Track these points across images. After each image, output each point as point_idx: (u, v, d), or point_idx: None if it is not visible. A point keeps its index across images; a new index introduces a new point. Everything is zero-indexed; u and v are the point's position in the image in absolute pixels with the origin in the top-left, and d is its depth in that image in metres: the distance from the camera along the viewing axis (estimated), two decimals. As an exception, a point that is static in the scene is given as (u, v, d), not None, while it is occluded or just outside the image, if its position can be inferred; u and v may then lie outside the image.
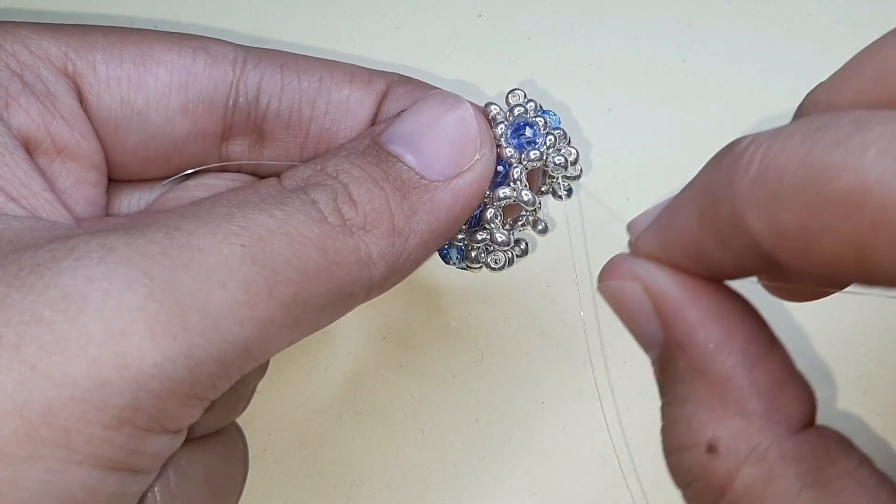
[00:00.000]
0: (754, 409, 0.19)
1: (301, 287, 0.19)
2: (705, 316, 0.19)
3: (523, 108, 0.24)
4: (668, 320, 0.19)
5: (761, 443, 0.18)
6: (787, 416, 0.19)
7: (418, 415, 0.29)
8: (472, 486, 0.29)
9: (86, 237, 0.17)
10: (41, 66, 0.22)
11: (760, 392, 0.19)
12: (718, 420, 0.19)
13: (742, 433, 0.18)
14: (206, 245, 0.18)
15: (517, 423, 0.29)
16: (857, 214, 0.15)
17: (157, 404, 0.17)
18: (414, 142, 0.22)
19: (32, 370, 0.16)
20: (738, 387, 0.19)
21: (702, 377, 0.19)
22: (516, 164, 0.24)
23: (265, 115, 0.24)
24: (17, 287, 0.16)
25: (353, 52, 0.32)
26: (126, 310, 0.16)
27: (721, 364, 0.19)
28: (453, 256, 0.25)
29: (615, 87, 0.31)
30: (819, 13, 0.31)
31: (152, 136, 0.23)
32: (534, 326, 0.30)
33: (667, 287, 0.19)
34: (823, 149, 0.16)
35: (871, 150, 0.15)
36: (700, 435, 0.19)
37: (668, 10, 0.32)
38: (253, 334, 0.18)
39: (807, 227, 0.16)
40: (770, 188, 0.17)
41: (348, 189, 0.20)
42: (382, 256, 0.20)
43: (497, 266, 0.25)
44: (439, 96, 0.23)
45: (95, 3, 0.32)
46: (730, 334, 0.19)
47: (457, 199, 0.22)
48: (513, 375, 0.29)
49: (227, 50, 0.24)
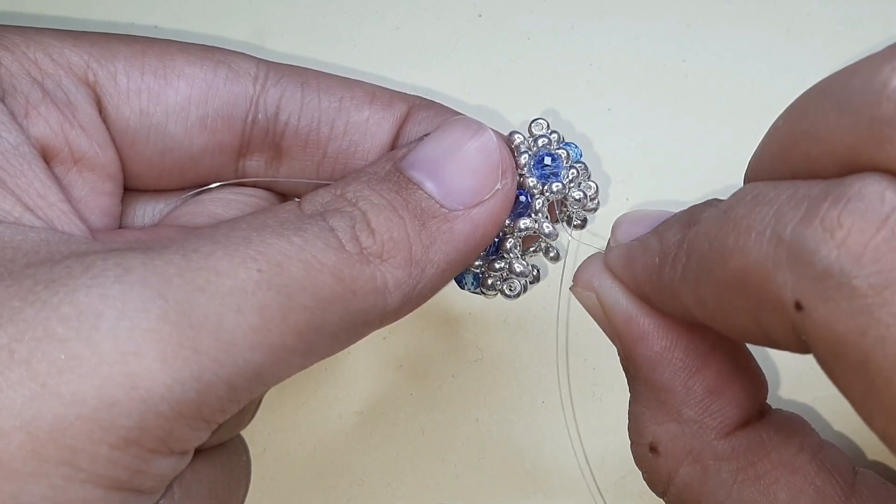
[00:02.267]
0: (689, 416, 0.21)
1: (315, 314, 0.19)
2: (648, 331, 0.21)
3: (546, 139, 0.24)
4: (615, 331, 0.21)
5: (695, 446, 0.20)
6: (721, 419, 0.21)
7: (418, 415, 0.29)
8: (472, 486, 0.29)
9: (102, 255, 0.17)
10: (62, 74, 0.22)
11: (695, 401, 0.21)
12: (658, 423, 0.21)
13: (678, 437, 0.20)
14: (222, 268, 0.18)
15: (517, 423, 0.29)
16: (745, 294, 0.17)
17: (164, 426, 0.17)
18: (435, 168, 0.21)
19: (42, 387, 0.16)
20: (674, 396, 0.21)
21: (644, 383, 0.21)
22: (538, 196, 0.23)
23: (283, 133, 0.24)
24: (31, 302, 0.16)
25: (353, 51, 0.32)
26: (139, 330, 0.16)
27: (659, 374, 0.21)
28: (468, 282, 0.25)
29: (615, 87, 0.31)
30: (819, 13, 0.31)
31: (170, 148, 0.23)
32: (534, 326, 0.30)
33: (617, 303, 0.21)
34: (724, 231, 0.18)
35: (753, 233, 0.17)
36: (644, 436, 0.21)
37: (668, 10, 0.32)
38: (265, 359, 0.18)
39: (719, 304, 0.18)
40: (693, 268, 0.19)
41: (367, 217, 0.20)
42: (398, 286, 0.20)
43: (512, 293, 0.24)
44: (463, 122, 0.22)
45: (95, 4, 0.32)
46: (669, 348, 0.21)
47: (476, 230, 0.21)
48: (513, 375, 0.29)
49: (248, 65, 0.24)
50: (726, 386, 0.21)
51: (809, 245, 0.15)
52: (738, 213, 0.17)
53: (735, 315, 0.17)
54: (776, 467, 0.20)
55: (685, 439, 0.20)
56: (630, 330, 0.21)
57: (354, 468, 0.29)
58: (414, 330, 0.30)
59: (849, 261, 0.15)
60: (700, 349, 0.21)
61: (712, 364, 0.21)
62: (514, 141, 0.23)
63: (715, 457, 0.20)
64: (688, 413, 0.20)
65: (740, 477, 0.20)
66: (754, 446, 0.20)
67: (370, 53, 0.32)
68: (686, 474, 0.20)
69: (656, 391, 0.21)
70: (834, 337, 0.15)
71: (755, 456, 0.20)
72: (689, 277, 0.19)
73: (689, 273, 0.19)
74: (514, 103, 0.31)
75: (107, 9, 0.32)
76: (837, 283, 0.15)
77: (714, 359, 0.21)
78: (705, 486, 0.20)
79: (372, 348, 0.30)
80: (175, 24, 0.32)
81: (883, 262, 0.15)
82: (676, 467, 0.20)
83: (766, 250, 0.16)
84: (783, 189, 0.17)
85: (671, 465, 0.20)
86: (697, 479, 0.20)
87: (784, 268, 0.16)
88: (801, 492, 0.19)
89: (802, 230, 0.16)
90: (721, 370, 0.21)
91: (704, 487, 0.20)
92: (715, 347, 0.21)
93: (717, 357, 0.21)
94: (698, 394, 0.21)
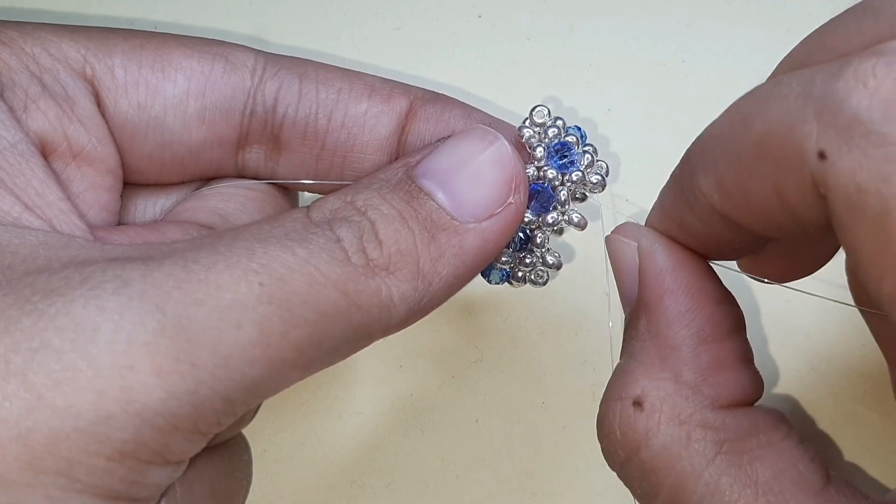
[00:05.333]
0: (687, 379, 0.20)
1: (317, 329, 0.18)
2: (678, 287, 0.21)
3: (555, 128, 0.23)
4: (645, 280, 0.21)
5: (685, 409, 0.20)
6: (717, 392, 0.20)
7: (418, 415, 0.29)
8: (472, 486, 0.29)
9: (102, 265, 0.17)
10: (60, 69, 0.22)
11: (699, 366, 0.20)
12: (652, 379, 0.20)
13: (669, 396, 0.20)
14: (223, 282, 0.17)
15: (517, 423, 0.29)
16: (765, 159, 0.17)
17: (160, 438, 0.17)
18: (448, 179, 0.21)
19: (38, 399, 0.16)
20: (679, 355, 0.20)
21: (653, 338, 0.21)
22: (560, 186, 0.23)
23: (282, 125, 0.24)
24: (28, 312, 0.16)
25: (353, 51, 0.32)
26: (135, 344, 0.16)
27: (674, 332, 0.20)
28: (495, 277, 0.25)
29: (615, 87, 0.31)
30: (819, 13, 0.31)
31: (168, 142, 0.23)
32: (534, 326, 0.30)
33: (655, 252, 0.21)
34: (745, 104, 0.18)
35: (780, 96, 0.16)
36: (631, 389, 0.20)
37: (668, 10, 0.32)
38: (263, 374, 0.18)
39: (739, 179, 0.18)
40: (709, 148, 0.19)
41: (375, 227, 0.20)
42: (404, 299, 0.20)
43: (541, 281, 0.24)
44: (479, 132, 0.22)
45: (96, 2, 0.32)
46: (692, 310, 0.21)
47: (486, 244, 0.21)
48: (513, 375, 0.29)
49: (246, 57, 0.23)
50: (731, 367, 0.21)
51: (840, 95, 0.15)
52: (761, 90, 0.17)
53: (754, 188, 0.17)
54: (762, 446, 0.20)
55: (677, 399, 0.20)
56: (661, 282, 0.21)
57: (354, 468, 0.29)
58: (414, 330, 0.30)
59: (880, 109, 0.15)
60: (721, 324, 0.21)
61: (726, 342, 0.21)
62: (524, 135, 0.23)
63: (703, 424, 0.20)
64: (687, 375, 0.20)
65: (724, 449, 0.19)
66: (743, 424, 0.20)
67: (370, 53, 0.32)
68: (667, 435, 0.20)
69: (663, 348, 0.20)
70: (855, 185, 0.15)
71: (743, 433, 0.20)
72: (708, 161, 0.19)
73: (707, 156, 0.19)
74: (514, 103, 0.31)
75: (107, 7, 0.32)
76: (866, 131, 0.15)
77: (729, 338, 0.21)
78: (685, 451, 0.19)
79: (372, 348, 0.30)
80: (175, 25, 0.32)
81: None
82: (657, 427, 0.20)
83: (792, 107, 0.16)
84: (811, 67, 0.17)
85: (651, 425, 0.20)
86: (678, 444, 0.19)
87: (810, 119, 0.16)
88: (784, 473, 0.19)
89: (833, 83, 0.15)
90: (732, 350, 0.21)
91: (684, 453, 0.19)
92: (733, 330, 0.21)
93: (733, 338, 0.21)
94: (704, 361, 0.20)
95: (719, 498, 0.19)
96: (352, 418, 0.29)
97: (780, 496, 0.19)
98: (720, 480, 0.19)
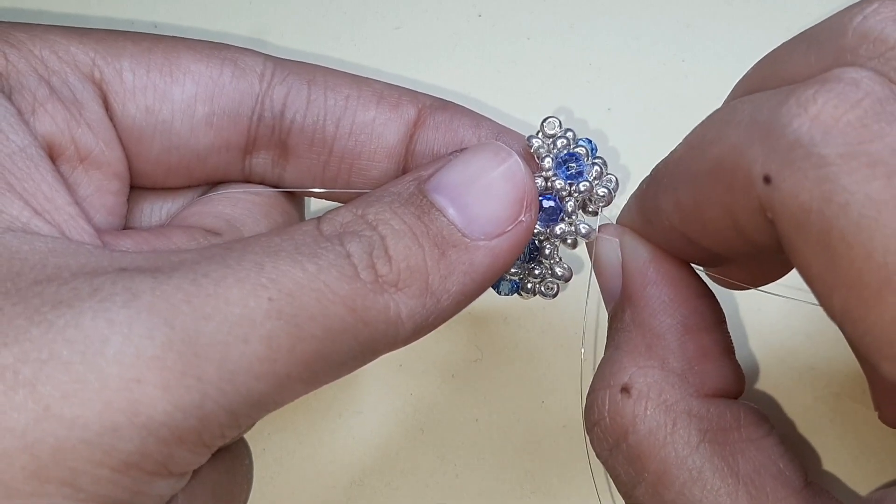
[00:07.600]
0: (673, 367, 0.21)
1: (324, 344, 0.18)
2: (661, 278, 0.21)
3: (564, 139, 0.23)
4: (628, 273, 0.22)
5: (671, 396, 0.20)
6: (702, 381, 0.21)
7: (418, 415, 0.29)
8: (472, 486, 0.29)
9: (112, 276, 0.17)
10: (68, 71, 0.21)
11: (684, 355, 0.21)
12: (639, 367, 0.21)
13: (656, 383, 0.20)
14: (232, 296, 0.17)
15: (517, 423, 0.29)
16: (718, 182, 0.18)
17: (165, 451, 0.17)
18: (459, 194, 0.21)
19: (46, 410, 0.16)
20: (665, 343, 0.21)
21: (638, 328, 0.21)
22: (568, 198, 0.23)
23: (289, 131, 0.23)
24: (37, 322, 0.16)
25: (353, 51, 0.32)
26: (143, 358, 0.16)
27: (658, 321, 0.21)
28: (505, 289, 0.25)
29: (615, 87, 0.31)
30: (819, 13, 0.31)
31: (176, 146, 0.23)
32: (534, 326, 0.30)
33: (638, 248, 0.22)
34: (703, 129, 0.19)
35: (732, 123, 0.17)
36: (619, 377, 0.21)
37: (668, 10, 0.32)
38: (269, 388, 0.18)
39: (695, 202, 0.19)
40: (671, 170, 0.20)
41: (385, 242, 0.20)
42: (411, 316, 0.20)
43: (551, 293, 0.24)
44: (493, 149, 0.22)
45: (96, 3, 0.32)
46: (676, 300, 0.21)
47: (495, 262, 0.21)
48: (513, 375, 0.29)
49: (255, 62, 0.23)
50: (715, 357, 0.21)
51: (783, 120, 0.16)
52: (716, 115, 0.18)
53: (709, 211, 0.18)
54: (744, 440, 0.20)
55: (664, 386, 0.20)
56: (645, 273, 0.21)
57: (354, 468, 0.29)
58: (414, 330, 0.30)
59: (819, 132, 0.15)
60: (704, 315, 0.21)
61: (709, 333, 0.21)
62: (533, 145, 0.23)
63: (688, 412, 0.20)
64: (673, 364, 0.21)
65: (707, 437, 0.20)
66: (726, 416, 0.20)
67: (370, 53, 0.32)
68: (653, 420, 0.20)
69: (649, 336, 0.21)
70: (799, 206, 0.15)
71: (727, 424, 0.20)
72: (669, 182, 0.19)
73: (668, 178, 0.20)
74: (515, 103, 0.31)
75: (107, 6, 0.32)
76: (806, 153, 0.15)
77: (712, 329, 0.21)
78: (670, 437, 0.20)
79: (372, 348, 0.30)
80: (175, 25, 0.32)
81: (852, 135, 0.15)
82: (644, 412, 0.20)
83: (742, 133, 0.17)
84: (761, 92, 0.18)
85: (639, 410, 0.20)
86: (663, 430, 0.20)
87: (757, 145, 0.16)
88: (765, 468, 0.19)
89: (778, 109, 0.16)
90: (715, 342, 0.21)
91: (669, 439, 0.20)
92: (716, 324, 0.22)
93: (716, 329, 0.21)
94: (689, 350, 0.21)
95: (701, 485, 0.19)
96: (352, 417, 0.29)
97: (760, 489, 0.19)
98: (703, 468, 0.19)
